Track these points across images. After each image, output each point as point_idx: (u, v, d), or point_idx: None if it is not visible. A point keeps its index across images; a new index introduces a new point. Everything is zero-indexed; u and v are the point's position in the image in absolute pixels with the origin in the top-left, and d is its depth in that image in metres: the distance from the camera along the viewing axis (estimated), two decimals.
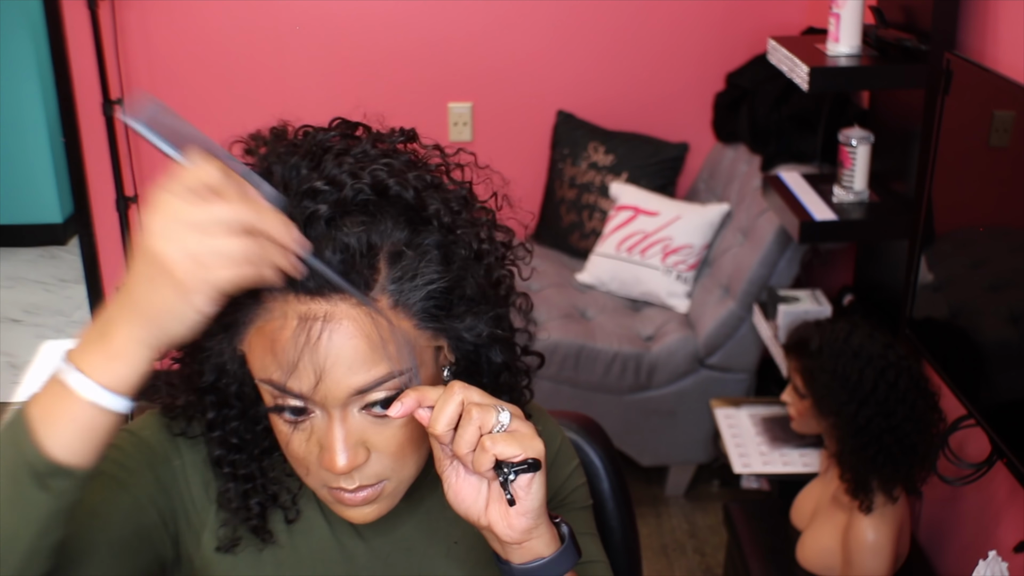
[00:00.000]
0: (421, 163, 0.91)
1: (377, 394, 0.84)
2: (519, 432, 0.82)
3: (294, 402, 0.85)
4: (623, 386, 2.84)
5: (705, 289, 2.94)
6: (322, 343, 0.81)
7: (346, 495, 0.88)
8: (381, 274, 0.83)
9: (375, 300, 0.82)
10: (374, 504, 0.90)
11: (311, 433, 0.87)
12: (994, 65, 1.85)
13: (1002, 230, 1.66)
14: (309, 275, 0.80)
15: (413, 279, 0.84)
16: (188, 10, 3.26)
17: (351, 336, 0.82)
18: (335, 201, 0.82)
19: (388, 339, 0.82)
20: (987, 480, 1.84)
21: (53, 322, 4.14)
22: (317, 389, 0.83)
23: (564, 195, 3.32)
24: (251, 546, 0.98)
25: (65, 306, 4.27)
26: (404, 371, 0.84)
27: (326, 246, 0.81)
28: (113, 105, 3.14)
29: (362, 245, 0.82)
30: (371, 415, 0.86)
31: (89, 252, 3.47)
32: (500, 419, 0.81)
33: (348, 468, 0.85)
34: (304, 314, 0.82)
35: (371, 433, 0.86)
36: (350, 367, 0.82)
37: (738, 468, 2.44)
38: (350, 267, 0.81)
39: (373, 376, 0.83)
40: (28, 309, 4.26)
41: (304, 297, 0.82)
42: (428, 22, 3.30)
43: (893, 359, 1.85)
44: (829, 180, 2.41)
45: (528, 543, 0.85)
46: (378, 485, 0.89)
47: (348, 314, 0.82)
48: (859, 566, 1.89)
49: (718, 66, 3.26)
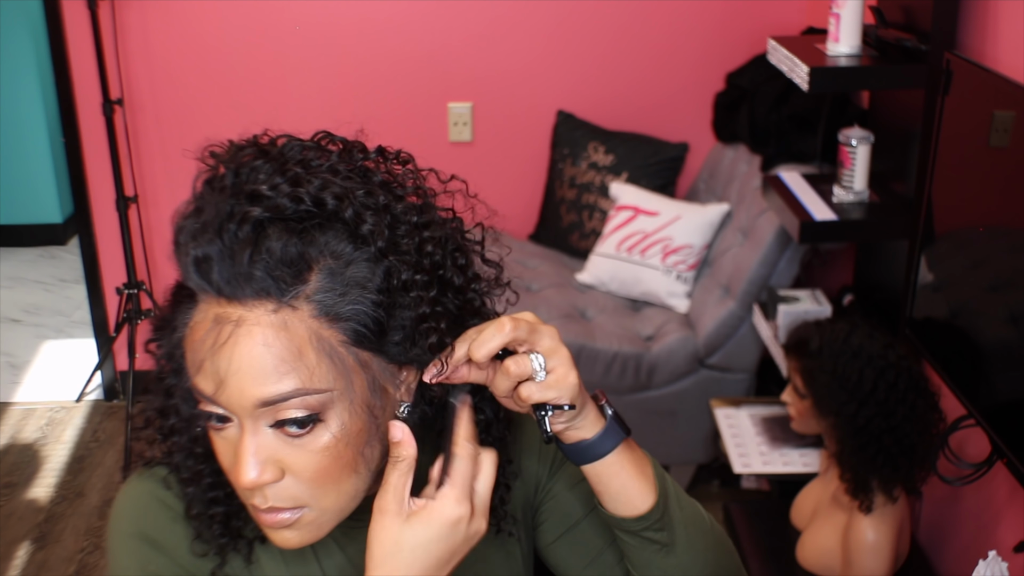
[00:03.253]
0: (387, 184, 0.87)
1: (290, 412, 0.81)
2: (554, 375, 0.85)
3: (212, 407, 0.83)
4: (623, 386, 2.84)
5: (705, 289, 2.94)
6: (227, 347, 0.80)
7: (262, 515, 0.86)
8: (310, 285, 0.81)
9: (295, 308, 0.80)
10: (295, 531, 0.87)
11: (230, 443, 0.85)
12: (994, 65, 1.85)
13: (1002, 230, 1.66)
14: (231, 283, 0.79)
15: (343, 295, 0.81)
16: (188, 10, 3.26)
17: (260, 344, 0.80)
18: (273, 207, 0.80)
19: (304, 352, 0.80)
20: (987, 480, 1.84)
21: (53, 322, 4.14)
22: (220, 393, 0.81)
23: (564, 195, 3.32)
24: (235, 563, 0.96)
25: (65, 306, 4.27)
26: (321, 390, 0.81)
27: (246, 248, 0.79)
28: (113, 105, 3.14)
29: (288, 253, 0.79)
30: (285, 434, 0.83)
31: (89, 252, 3.47)
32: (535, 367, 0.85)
33: (252, 484, 0.83)
34: (219, 316, 0.81)
35: (284, 453, 0.83)
36: (254, 376, 0.80)
37: (738, 468, 2.44)
38: (269, 272, 0.79)
39: (279, 390, 0.80)
40: (28, 309, 4.26)
41: (223, 300, 0.80)
42: (428, 22, 3.30)
43: (893, 359, 1.85)
44: (829, 180, 2.41)
45: (569, 432, 0.89)
46: (296, 511, 0.85)
47: (261, 321, 0.80)
48: (859, 566, 1.89)
49: (718, 66, 3.26)
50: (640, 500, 0.91)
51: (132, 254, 3.26)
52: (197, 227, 0.81)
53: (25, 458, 3.25)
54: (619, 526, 0.93)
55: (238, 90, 3.32)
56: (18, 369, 3.79)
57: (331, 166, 0.85)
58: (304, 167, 0.83)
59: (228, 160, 0.84)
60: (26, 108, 4.63)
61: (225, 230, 0.79)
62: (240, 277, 0.79)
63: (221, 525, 0.94)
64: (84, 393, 3.57)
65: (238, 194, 0.81)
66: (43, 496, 3.06)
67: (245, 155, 0.84)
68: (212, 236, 0.79)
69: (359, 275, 0.82)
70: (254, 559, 0.97)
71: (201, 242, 0.80)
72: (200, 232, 0.80)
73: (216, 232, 0.79)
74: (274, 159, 0.84)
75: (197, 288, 0.82)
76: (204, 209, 0.81)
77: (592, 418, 0.89)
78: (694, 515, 0.97)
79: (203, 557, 0.94)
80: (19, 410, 3.52)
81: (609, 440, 0.89)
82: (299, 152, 0.85)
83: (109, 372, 3.57)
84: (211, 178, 0.84)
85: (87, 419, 3.46)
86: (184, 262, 0.81)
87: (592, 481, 0.92)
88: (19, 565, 2.77)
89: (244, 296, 0.80)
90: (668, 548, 0.93)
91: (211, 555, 0.94)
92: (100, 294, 3.52)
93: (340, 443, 0.84)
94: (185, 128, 3.32)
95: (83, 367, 3.68)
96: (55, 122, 4.49)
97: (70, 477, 3.15)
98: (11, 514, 2.98)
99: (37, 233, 4.83)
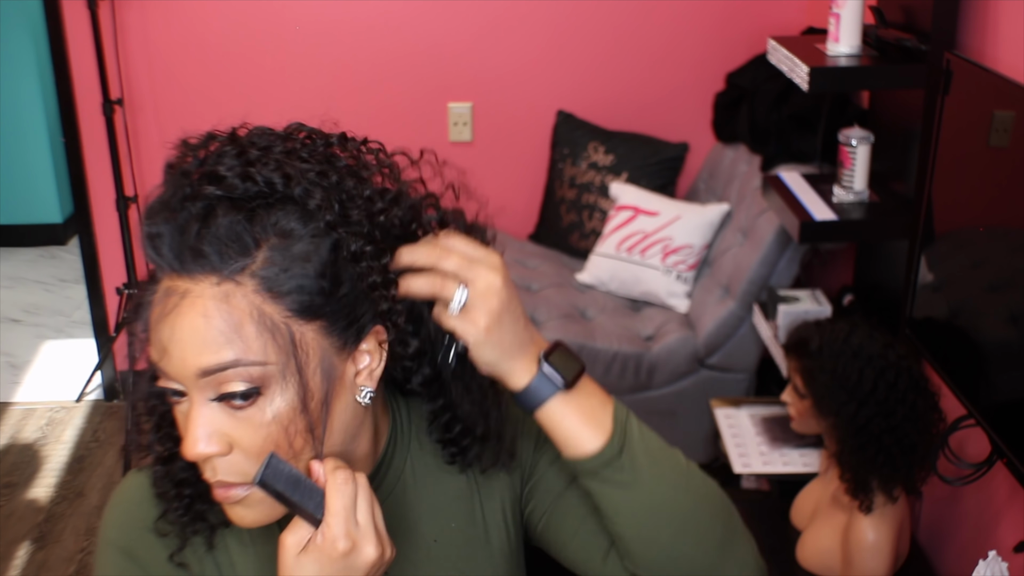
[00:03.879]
0: (351, 168, 0.89)
1: (231, 385, 0.84)
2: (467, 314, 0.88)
3: (167, 382, 0.86)
4: (623, 386, 2.84)
5: (705, 289, 2.94)
6: (171, 317, 0.83)
7: (216, 490, 0.88)
8: (256, 262, 0.83)
9: (239, 283, 0.83)
10: (247, 508, 0.89)
11: (185, 417, 0.87)
12: (994, 65, 1.85)
13: (1002, 230, 1.66)
14: (179, 257, 0.83)
15: (286, 270, 0.84)
16: (188, 10, 3.26)
17: (200, 315, 0.83)
18: (225, 187, 0.83)
19: (243, 325, 0.83)
20: (987, 480, 1.84)
21: (53, 322, 4.14)
22: (165, 362, 0.85)
23: (564, 195, 3.32)
24: (200, 546, 0.98)
25: (65, 306, 4.27)
26: (258, 362, 0.84)
27: (194, 224, 0.83)
28: (113, 105, 3.14)
29: (234, 230, 0.83)
30: (230, 407, 0.85)
31: (89, 252, 3.47)
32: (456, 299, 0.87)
33: (197, 456, 0.85)
34: (168, 289, 0.84)
35: (230, 427, 0.86)
36: (194, 346, 0.83)
37: (738, 468, 2.44)
38: (215, 247, 0.82)
39: (217, 360, 0.83)
40: (28, 309, 4.26)
41: (174, 275, 0.84)
42: (429, 22, 3.30)
43: (893, 359, 1.85)
44: (829, 180, 2.41)
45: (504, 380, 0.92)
46: (246, 487, 0.87)
47: (205, 294, 0.83)
48: (859, 566, 1.88)
49: (718, 66, 3.26)
50: (588, 443, 0.92)
51: (132, 254, 3.26)
52: (156, 206, 0.85)
53: (25, 458, 3.25)
54: (575, 469, 0.94)
55: (238, 90, 3.32)
56: (18, 369, 3.78)
57: (291, 150, 0.88)
58: (264, 152, 0.86)
59: (198, 148, 0.88)
60: (26, 108, 4.63)
61: (180, 209, 0.83)
62: (188, 251, 0.83)
63: (184, 507, 0.96)
64: (84, 393, 3.57)
65: (198, 176, 0.85)
66: (43, 496, 3.06)
67: (215, 143, 0.88)
68: (168, 214, 0.84)
69: (304, 250, 0.85)
70: (218, 543, 0.98)
71: (157, 220, 0.84)
72: (158, 211, 0.84)
73: (172, 210, 0.83)
74: (238, 145, 0.87)
75: (153, 263, 0.86)
76: (165, 191, 0.86)
77: (520, 370, 0.91)
78: (665, 456, 0.97)
79: (164, 537, 0.96)
80: (19, 410, 3.52)
81: (541, 391, 0.91)
82: (265, 140, 0.89)
83: (109, 372, 3.57)
84: (176, 163, 0.88)
85: (87, 419, 3.46)
86: (143, 240, 0.85)
87: (543, 428, 0.93)
88: (19, 565, 2.77)
89: (192, 270, 0.83)
90: (630, 487, 0.93)
91: (171, 536, 0.96)
92: (100, 294, 3.52)
93: (284, 418, 0.85)
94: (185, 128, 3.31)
95: (83, 367, 3.68)
96: (55, 122, 4.49)
97: (70, 477, 3.15)
98: (11, 514, 2.98)
99: (37, 233, 4.83)
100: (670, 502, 0.94)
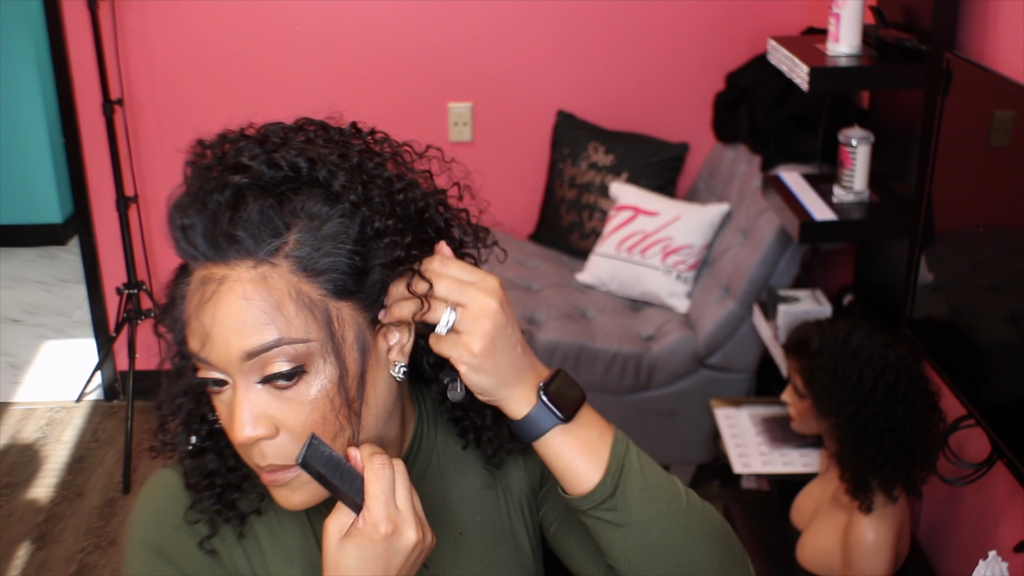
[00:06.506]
0: (364, 153, 0.92)
1: (275, 365, 0.85)
2: (457, 337, 0.87)
3: (208, 372, 0.87)
4: (623, 386, 2.84)
5: (705, 289, 2.94)
6: (211, 304, 0.85)
7: (264, 475, 0.89)
8: (288, 243, 0.85)
9: (275, 265, 0.84)
10: (293, 489, 0.90)
11: (228, 406, 0.88)
12: (994, 65, 1.85)
13: (1002, 230, 1.66)
14: (214, 245, 0.85)
15: (319, 249, 0.85)
16: (188, 10, 3.26)
17: (240, 298, 0.84)
18: (252, 174, 0.85)
19: (284, 304, 0.84)
20: (987, 480, 1.84)
21: (53, 322, 4.14)
22: (207, 350, 0.86)
23: (564, 195, 3.32)
24: (230, 535, 0.98)
25: (65, 306, 4.27)
26: (301, 340, 0.85)
27: (226, 212, 0.84)
28: (113, 105, 3.14)
29: (266, 214, 0.84)
30: (274, 388, 0.86)
31: (89, 252, 3.47)
32: (443, 320, 0.87)
33: (247, 439, 0.86)
34: (205, 277, 0.86)
35: (276, 408, 0.87)
36: (236, 329, 0.84)
37: (738, 468, 2.44)
38: (248, 232, 0.83)
39: (260, 340, 0.84)
40: (28, 309, 4.26)
41: (209, 264, 0.85)
42: (429, 22, 3.30)
43: (893, 359, 1.85)
44: (829, 180, 2.41)
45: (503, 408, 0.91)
46: (293, 470, 0.89)
47: (242, 277, 0.84)
48: (859, 566, 1.89)
49: (718, 66, 3.26)
50: (584, 480, 0.91)
51: (132, 254, 3.26)
52: (184, 200, 0.86)
53: (25, 458, 3.25)
54: (568, 505, 0.94)
55: (238, 90, 3.32)
56: (18, 369, 3.79)
57: (308, 139, 0.90)
58: (284, 141, 0.88)
59: (215, 146, 0.89)
60: (26, 108, 4.63)
61: (209, 199, 0.84)
62: (222, 238, 0.84)
63: (216, 495, 0.97)
64: (84, 393, 3.57)
65: (222, 168, 0.86)
66: (43, 496, 3.06)
67: (230, 141, 0.90)
68: (198, 206, 0.85)
69: (334, 230, 0.86)
70: (248, 533, 0.99)
71: (188, 212, 0.85)
72: (187, 204, 0.85)
73: (201, 202, 0.85)
74: (256, 139, 0.89)
75: (186, 256, 0.87)
76: (191, 185, 0.87)
77: (518, 399, 0.90)
78: (663, 491, 0.94)
79: (194, 525, 0.97)
80: (19, 410, 3.52)
81: (541, 423, 0.90)
82: (280, 132, 0.90)
83: (109, 372, 3.57)
84: (196, 160, 0.90)
85: (87, 419, 3.46)
86: (174, 235, 0.86)
87: (540, 457, 0.93)
88: (19, 565, 2.77)
89: (227, 256, 0.85)
90: (624, 526, 0.92)
91: (202, 524, 0.97)
92: (100, 294, 3.52)
93: (327, 396, 0.87)
94: (185, 128, 3.31)
95: (83, 367, 3.68)
96: (55, 122, 4.50)
97: (70, 477, 3.15)
98: (11, 514, 2.98)
99: (37, 233, 4.83)
100: (665, 540, 0.93)
